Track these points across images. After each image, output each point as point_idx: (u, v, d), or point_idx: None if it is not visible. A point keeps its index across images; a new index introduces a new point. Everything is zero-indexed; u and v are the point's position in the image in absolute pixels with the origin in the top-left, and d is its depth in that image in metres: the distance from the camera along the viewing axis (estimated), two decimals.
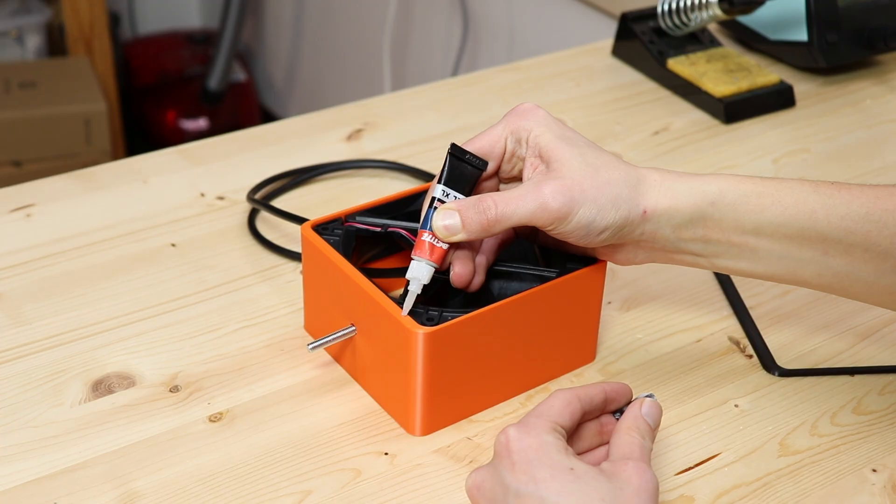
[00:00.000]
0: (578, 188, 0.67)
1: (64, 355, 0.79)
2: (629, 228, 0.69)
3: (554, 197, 0.67)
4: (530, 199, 0.67)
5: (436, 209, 0.70)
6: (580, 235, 0.69)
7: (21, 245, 0.90)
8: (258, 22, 2.88)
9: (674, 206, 0.69)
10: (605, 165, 0.69)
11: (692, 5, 1.16)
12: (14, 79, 2.38)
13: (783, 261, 0.71)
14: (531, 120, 0.71)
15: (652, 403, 0.65)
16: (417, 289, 0.71)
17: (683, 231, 0.70)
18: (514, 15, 1.95)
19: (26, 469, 0.70)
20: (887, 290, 0.71)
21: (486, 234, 0.69)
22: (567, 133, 0.71)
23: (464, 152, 0.72)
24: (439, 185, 0.71)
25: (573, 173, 0.68)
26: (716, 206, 0.69)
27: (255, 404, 0.75)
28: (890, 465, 0.73)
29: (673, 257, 0.72)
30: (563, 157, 0.69)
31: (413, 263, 0.71)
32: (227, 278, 0.87)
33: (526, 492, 0.58)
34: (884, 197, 0.70)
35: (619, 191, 0.68)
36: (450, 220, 0.69)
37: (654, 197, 0.69)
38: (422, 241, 0.71)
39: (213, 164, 1.02)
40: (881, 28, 1.17)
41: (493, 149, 0.72)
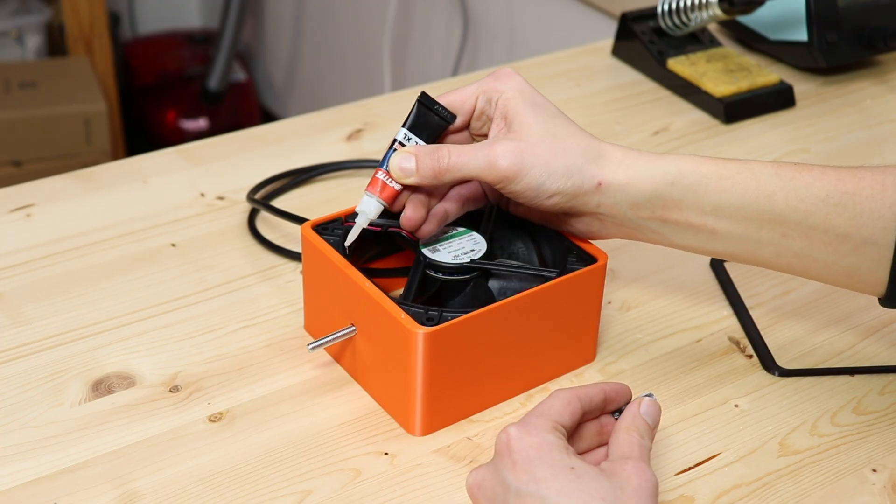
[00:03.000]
0: (530, 151, 0.70)
1: (64, 355, 0.79)
2: (583, 198, 0.71)
3: (504, 156, 0.70)
4: (481, 156, 0.70)
5: (395, 150, 0.73)
6: (529, 197, 0.71)
7: (21, 245, 0.90)
8: (258, 22, 2.88)
9: (631, 182, 0.71)
10: (566, 135, 0.71)
11: (692, 5, 1.16)
12: (14, 79, 2.38)
13: (742, 241, 0.72)
14: (505, 83, 0.73)
15: (651, 402, 0.65)
16: (364, 222, 0.74)
17: (641, 209, 0.72)
18: (514, 15, 1.95)
19: (26, 469, 0.70)
20: (846, 271, 0.72)
21: (437, 181, 0.71)
22: (538, 101, 0.73)
23: (433, 102, 0.74)
24: (403, 129, 0.74)
25: (530, 137, 0.70)
26: (675, 186, 0.71)
27: (255, 404, 0.75)
28: (890, 465, 0.73)
29: (632, 233, 0.74)
30: (525, 122, 0.71)
31: (364, 198, 0.74)
32: (227, 278, 0.87)
33: (526, 491, 0.58)
34: (845, 179, 0.70)
35: (575, 160, 0.70)
36: (406, 162, 0.71)
37: (612, 171, 0.71)
38: (376, 178, 0.73)
39: (213, 164, 1.02)
40: (881, 28, 1.17)
41: (463, 104, 0.75)
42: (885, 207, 0.69)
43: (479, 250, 0.76)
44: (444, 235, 0.77)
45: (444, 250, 0.76)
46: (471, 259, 0.76)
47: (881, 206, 0.69)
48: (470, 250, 0.76)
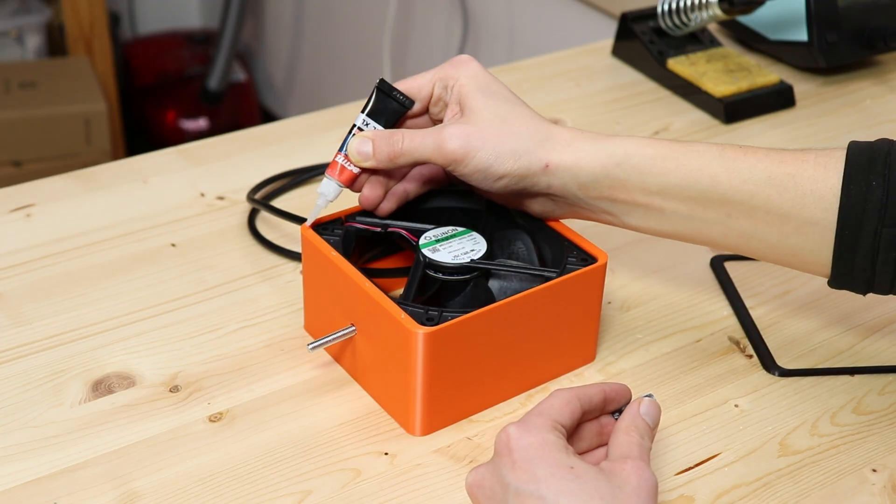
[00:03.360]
0: (478, 135, 0.72)
1: (64, 355, 0.79)
2: (532, 179, 0.73)
3: (451, 139, 0.72)
4: (431, 139, 0.73)
5: (353, 135, 0.76)
6: (479, 179, 0.73)
7: (21, 245, 0.90)
8: (258, 22, 2.88)
9: (578, 164, 0.73)
10: (516, 119, 0.74)
11: (692, 5, 1.16)
12: (14, 79, 2.38)
13: (689, 221, 0.73)
14: (461, 70, 0.76)
15: (650, 403, 0.65)
16: (323, 204, 0.77)
17: (590, 189, 0.74)
18: (514, 15, 1.96)
19: (26, 469, 0.70)
20: (791, 251, 0.73)
21: (392, 164, 0.74)
22: (492, 87, 0.75)
23: (392, 89, 0.77)
24: (362, 115, 0.77)
25: (480, 121, 0.73)
26: (621, 167, 0.73)
27: (255, 404, 0.75)
28: (890, 465, 0.73)
29: (585, 213, 0.76)
30: (476, 106, 0.74)
31: (324, 181, 0.77)
32: (227, 278, 0.87)
33: (526, 490, 0.59)
34: (788, 161, 0.71)
35: (522, 143, 0.73)
36: (364, 146, 0.75)
37: (559, 153, 0.73)
38: (335, 161, 0.77)
39: (213, 164, 1.02)
40: (881, 28, 1.17)
41: (420, 90, 0.77)
42: (826, 189, 0.70)
43: (479, 250, 0.76)
44: (444, 235, 0.77)
45: (444, 250, 0.76)
46: (471, 259, 0.76)
47: (822, 188, 0.70)
48: (470, 250, 0.76)
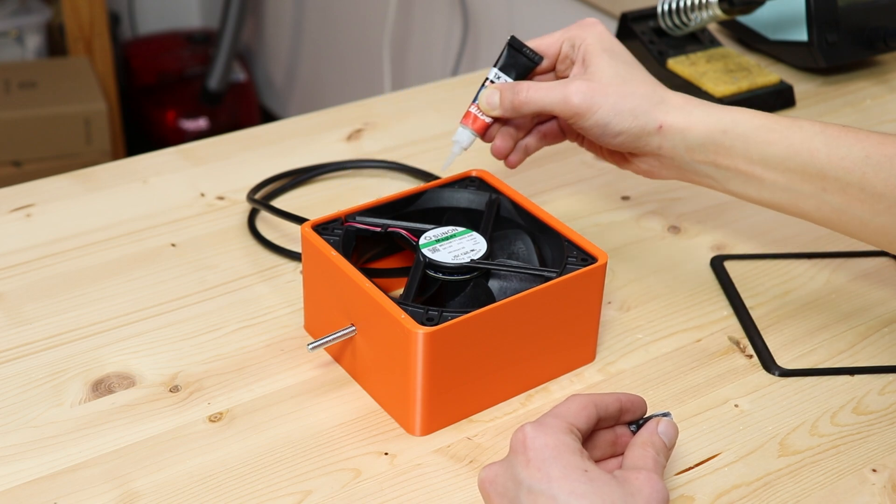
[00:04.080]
0: (601, 92, 0.77)
1: (64, 355, 0.79)
2: (645, 139, 0.77)
3: (576, 93, 0.77)
4: (557, 92, 0.77)
5: (485, 87, 0.81)
6: (597, 134, 0.78)
7: (21, 245, 0.90)
8: (258, 22, 2.88)
9: (688, 127, 0.77)
10: (635, 80, 0.78)
11: (692, 5, 1.16)
12: (14, 79, 2.38)
13: (786, 192, 0.77)
14: (588, 31, 0.81)
15: (669, 423, 0.65)
16: (458, 151, 0.83)
17: (696, 153, 0.77)
18: (514, 15, 1.95)
19: (26, 469, 0.70)
20: (881, 230, 0.75)
21: (516, 113, 0.80)
22: (615, 49, 0.80)
23: (522, 45, 0.82)
24: (494, 69, 0.82)
25: (603, 79, 0.78)
26: (727, 134, 0.76)
27: (255, 404, 0.75)
28: (890, 465, 0.73)
29: (689, 176, 0.80)
30: (600, 65, 0.78)
31: (458, 129, 0.83)
32: (227, 278, 0.87)
33: (538, 489, 0.59)
34: (887, 144, 0.74)
35: (640, 102, 0.77)
36: (493, 97, 0.80)
37: (673, 116, 0.77)
38: (469, 111, 0.82)
39: (213, 164, 1.02)
40: (881, 28, 1.17)
41: (549, 48, 0.83)
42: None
43: (479, 250, 0.76)
44: (444, 235, 0.77)
45: (444, 250, 0.76)
46: (471, 259, 0.76)
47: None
48: (470, 250, 0.76)
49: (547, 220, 0.80)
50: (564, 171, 1.03)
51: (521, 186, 0.98)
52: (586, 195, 1.00)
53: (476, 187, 0.83)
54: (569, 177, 1.02)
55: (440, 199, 0.83)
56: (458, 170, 1.01)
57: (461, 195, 0.83)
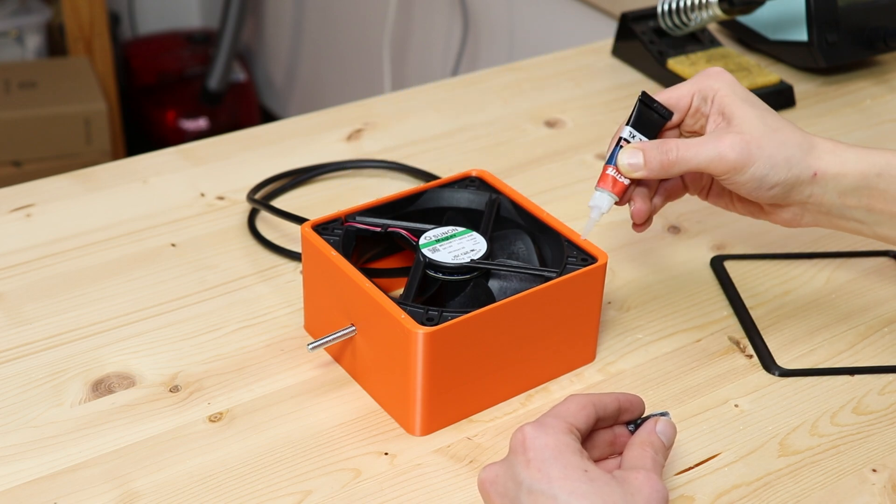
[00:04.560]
0: (756, 143, 0.73)
1: (64, 355, 0.79)
2: (799, 189, 0.74)
3: (732, 148, 0.73)
4: (710, 148, 0.73)
5: (622, 147, 0.76)
6: (751, 188, 0.74)
7: (21, 245, 0.90)
8: (258, 22, 2.88)
9: (842, 172, 0.74)
10: (783, 128, 0.74)
11: (692, 5, 1.16)
12: (14, 79, 2.38)
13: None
14: (718, 81, 0.77)
15: (667, 422, 0.65)
16: (598, 217, 0.77)
17: (848, 198, 0.75)
18: (514, 15, 1.95)
19: (26, 469, 0.70)
20: None
21: (665, 174, 0.75)
22: (750, 97, 0.76)
23: (652, 101, 0.77)
24: (627, 127, 0.77)
25: (753, 130, 0.74)
26: (882, 177, 0.74)
27: (255, 404, 0.75)
28: (890, 465, 0.73)
29: (836, 223, 0.77)
30: (745, 116, 0.74)
31: (596, 194, 0.77)
32: (227, 278, 0.87)
33: (538, 489, 0.59)
34: None
35: (794, 152, 0.73)
36: (634, 158, 0.75)
37: (826, 161, 0.74)
38: (606, 174, 0.76)
39: (213, 164, 1.02)
40: (881, 28, 1.17)
41: (679, 102, 0.78)
42: None
43: (479, 250, 0.76)
44: (444, 235, 0.77)
45: (444, 250, 0.76)
46: (471, 259, 0.76)
47: None
48: (470, 250, 0.76)
49: (547, 220, 0.80)
50: (564, 171, 1.03)
51: (521, 186, 0.98)
52: (586, 195, 1.00)
53: (476, 187, 0.83)
54: (569, 177, 1.02)
55: (440, 199, 0.83)
56: (458, 169, 1.01)
57: (461, 195, 0.83)
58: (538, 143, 1.07)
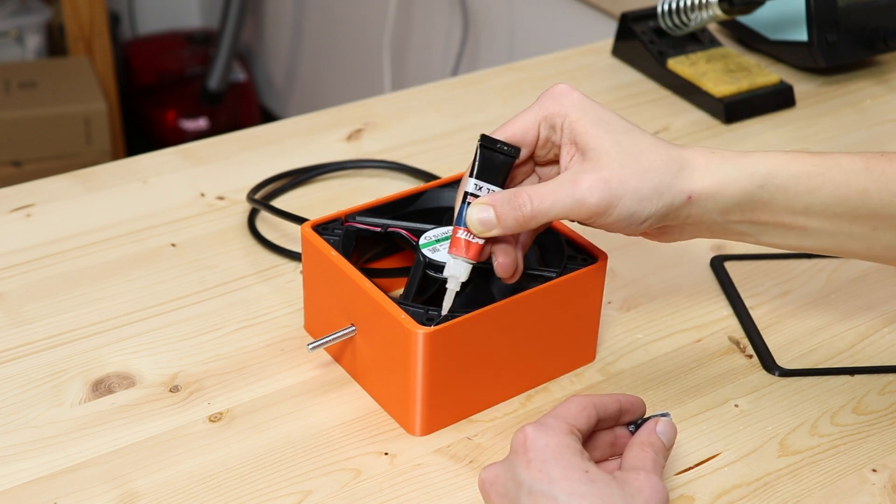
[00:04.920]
0: (617, 180, 0.66)
1: (64, 355, 0.79)
2: (673, 214, 0.68)
3: (591, 192, 0.65)
4: (566, 195, 0.66)
5: (469, 204, 0.68)
6: (622, 227, 0.67)
7: (21, 245, 0.90)
8: (258, 22, 2.88)
9: (720, 190, 0.67)
10: (645, 151, 0.67)
11: (692, 5, 1.16)
12: (14, 79, 2.38)
13: (833, 237, 0.70)
14: (564, 104, 0.69)
15: (667, 423, 0.65)
16: (456, 287, 0.70)
17: (732, 214, 0.69)
18: (514, 15, 1.95)
19: (26, 469, 0.70)
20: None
21: (523, 229, 0.68)
22: (603, 116, 0.68)
23: (494, 142, 0.69)
24: (471, 179, 0.69)
25: (611, 163, 0.66)
26: (765, 188, 0.68)
27: (255, 404, 0.75)
28: (890, 465, 0.73)
29: (719, 234, 0.71)
30: (600, 146, 0.67)
31: (450, 261, 0.70)
32: (227, 278, 0.87)
33: (539, 489, 0.59)
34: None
35: (661, 178, 0.66)
36: (484, 213, 0.67)
37: (699, 181, 0.67)
38: (457, 238, 0.69)
39: (213, 164, 1.02)
40: (881, 28, 1.17)
41: (525, 136, 0.70)
42: None
43: None
44: (445, 235, 0.77)
45: (444, 250, 0.76)
46: None
47: None
48: None
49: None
50: None
51: None
52: None
53: None
54: None
55: (440, 199, 0.83)
56: (458, 169, 1.01)
57: None
58: None
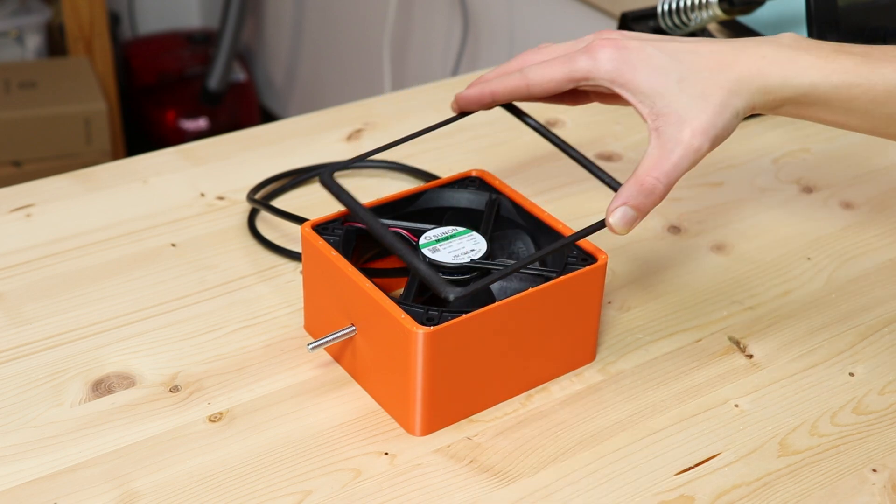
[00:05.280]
0: (708, 125, 0.70)
1: (64, 355, 0.79)
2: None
3: (701, 143, 0.70)
4: (684, 157, 0.70)
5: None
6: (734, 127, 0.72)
7: (21, 245, 0.90)
8: (258, 22, 2.88)
9: (767, 101, 0.72)
10: (708, 86, 0.71)
11: (692, 5, 1.16)
12: (14, 79, 2.38)
13: (873, 130, 0.74)
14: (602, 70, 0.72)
15: None
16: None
17: (775, 110, 0.73)
18: (514, 15, 1.96)
19: (26, 469, 0.70)
20: None
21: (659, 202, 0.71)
22: (651, 61, 0.72)
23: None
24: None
25: (690, 111, 0.70)
26: (807, 96, 0.72)
27: (255, 404, 0.75)
28: (890, 465, 0.73)
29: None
30: (671, 104, 0.71)
31: None
32: (227, 278, 0.87)
33: None
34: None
35: (733, 105, 0.71)
36: (623, 214, 0.70)
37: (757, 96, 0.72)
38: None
39: (213, 164, 1.02)
40: (881, 28, 1.17)
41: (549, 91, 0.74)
42: None
43: (479, 250, 0.76)
44: (444, 235, 0.77)
45: (444, 250, 0.76)
46: (471, 259, 0.76)
47: None
48: (470, 250, 0.76)
49: (547, 220, 0.80)
50: (564, 171, 1.03)
51: (521, 186, 0.98)
52: (586, 195, 1.00)
53: (476, 187, 0.83)
54: (569, 177, 1.02)
55: (440, 199, 0.83)
56: (458, 169, 1.01)
57: (461, 195, 0.83)
58: (538, 143, 1.07)
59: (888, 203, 1.01)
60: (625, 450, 0.73)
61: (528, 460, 0.72)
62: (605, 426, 0.75)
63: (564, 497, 0.70)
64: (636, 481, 0.71)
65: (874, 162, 1.08)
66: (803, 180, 1.04)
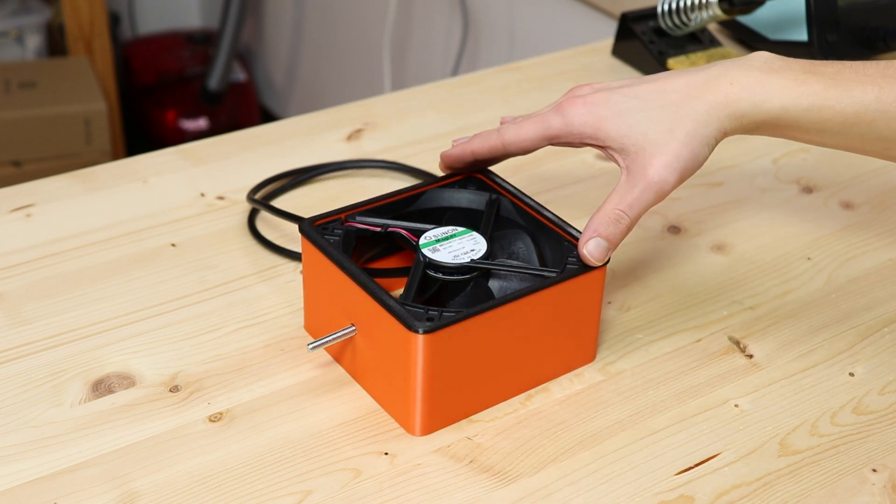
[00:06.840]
0: (675, 156, 0.73)
1: (64, 355, 0.79)
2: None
3: (665, 177, 0.73)
4: (647, 191, 0.73)
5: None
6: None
7: (21, 245, 0.90)
8: (258, 22, 2.88)
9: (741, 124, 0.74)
10: (676, 121, 0.73)
11: (692, 5, 1.16)
12: (14, 79, 2.38)
13: (849, 148, 0.76)
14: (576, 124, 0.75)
15: None
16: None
17: (751, 132, 0.75)
18: (514, 15, 1.96)
19: (26, 469, 0.70)
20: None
21: (627, 233, 0.74)
22: (616, 108, 0.74)
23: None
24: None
25: (659, 146, 0.73)
26: (780, 119, 0.74)
27: (255, 404, 0.75)
28: (890, 465, 0.73)
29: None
30: (637, 142, 0.73)
31: None
32: (227, 278, 0.87)
33: None
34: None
35: (702, 134, 0.73)
36: (596, 245, 0.74)
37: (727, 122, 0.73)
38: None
39: (213, 164, 1.02)
40: (881, 28, 1.17)
41: (526, 148, 0.78)
42: None
43: (479, 250, 0.76)
44: (444, 235, 0.77)
45: (444, 250, 0.76)
46: (471, 259, 0.76)
47: None
48: (470, 250, 0.76)
49: (547, 220, 0.80)
50: (564, 171, 1.03)
51: (520, 186, 0.98)
52: (586, 195, 1.00)
53: (476, 187, 0.83)
54: (569, 177, 1.02)
55: (440, 199, 0.83)
56: None
57: (461, 195, 0.83)
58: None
59: (888, 203, 1.01)
60: (625, 450, 0.73)
61: (528, 460, 0.72)
62: (605, 426, 0.75)
63: (564, 497, 0.70)
64: (636, 481, 0.71)
65: (874, 162, 1.08)
66: (803, 180, 1.04)
